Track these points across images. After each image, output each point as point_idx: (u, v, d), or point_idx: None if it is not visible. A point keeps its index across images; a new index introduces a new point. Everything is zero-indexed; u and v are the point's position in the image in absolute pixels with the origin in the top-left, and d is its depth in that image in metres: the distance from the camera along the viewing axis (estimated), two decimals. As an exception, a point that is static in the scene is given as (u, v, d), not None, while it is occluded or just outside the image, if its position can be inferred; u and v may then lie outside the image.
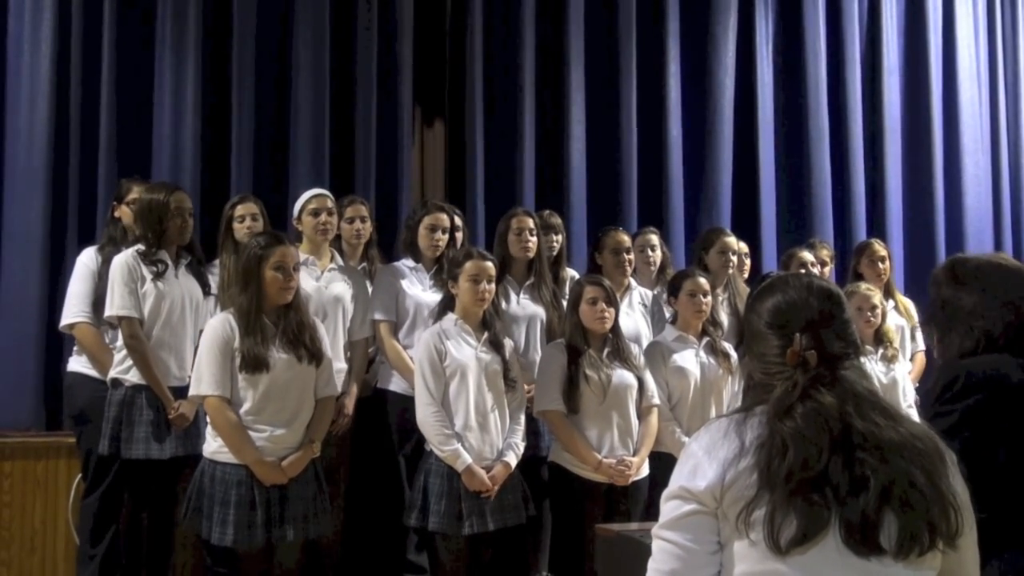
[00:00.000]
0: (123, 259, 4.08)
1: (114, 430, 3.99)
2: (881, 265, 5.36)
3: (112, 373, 4.07)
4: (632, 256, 4.88)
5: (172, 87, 5.12)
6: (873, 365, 4.56)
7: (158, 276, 4.07)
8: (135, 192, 4.36)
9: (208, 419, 3.76)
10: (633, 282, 4.91)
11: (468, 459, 3.94)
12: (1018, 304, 2.30)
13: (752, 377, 1.80)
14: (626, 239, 4.90)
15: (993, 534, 1.81)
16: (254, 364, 3.65)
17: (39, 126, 4.89)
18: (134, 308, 4.03)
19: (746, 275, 5.32)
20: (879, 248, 5.46)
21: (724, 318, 4.78)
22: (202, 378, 3.69)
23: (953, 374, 2.22)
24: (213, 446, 3.72)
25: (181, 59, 5.14)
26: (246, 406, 3.69)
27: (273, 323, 3.74)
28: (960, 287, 2.35)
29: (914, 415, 2.19)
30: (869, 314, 4.64)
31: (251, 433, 3.67)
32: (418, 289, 4.49)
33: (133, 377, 4.03)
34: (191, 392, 3.81)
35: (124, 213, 4.37)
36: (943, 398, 2.18)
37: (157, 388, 4.01)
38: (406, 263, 4.57)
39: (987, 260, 2.43)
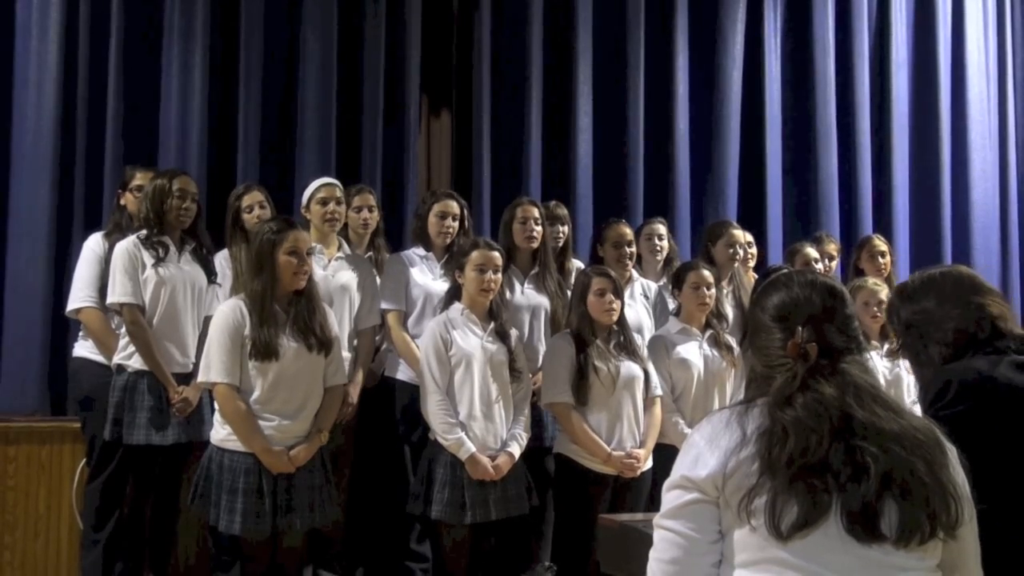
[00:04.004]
0: (124, 246, 4.08)
1: (116, 415, 3.99)
2: (881, 260, 5.35)
3: (116, 359, 4.07)
4: (633, 249, 4.88)
5: (179, 74, 5.12)
6: (877, 360, 4.54)
7: (159, 261, 4.06)
8: (139, 179, 4.37)
9: (216, 406, 3.77)
10: (635, 273, 4.91)
11: (472, 447, 3.95)
12: (976, 300, 2.34)
13: (754, 370, 1.83)
14: (628, 232, 4.90)
15: (997, 528, 1.82)
16: (264, 352, 3.66)
17: (46, 112, 4.88)
18: (135, 295, 4.03)
19: (752, 265, 5.32)
20: (879, 243, 5.46)
21: (729, 311, 4.78)
22: (211, 365, 3.69)
23: (944, 380, 2.23)
24: (221, 433, 3.72)
25: (188, 46, 5.13)
26: (255, 395, 3.70)
27: (284, 310, 3.74)
28: (916, 302, 2.39)
29: (917, 411, 2.19)
30: (875, 309, 4.59)
31: (259, 421, 3.68)
32: (428, 278, 4.49)
33: (135, 363, 4.03)
34: (200, 378, 3.81)
35: (129, 200, 4.38)
36: (937, 405, 2.18)
37: (159, 374, 4.02)
38: (416, 252, 4.58)
39: (928, 274, 2.48)
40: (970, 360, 2.27)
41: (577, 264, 4.89)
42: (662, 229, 5.20)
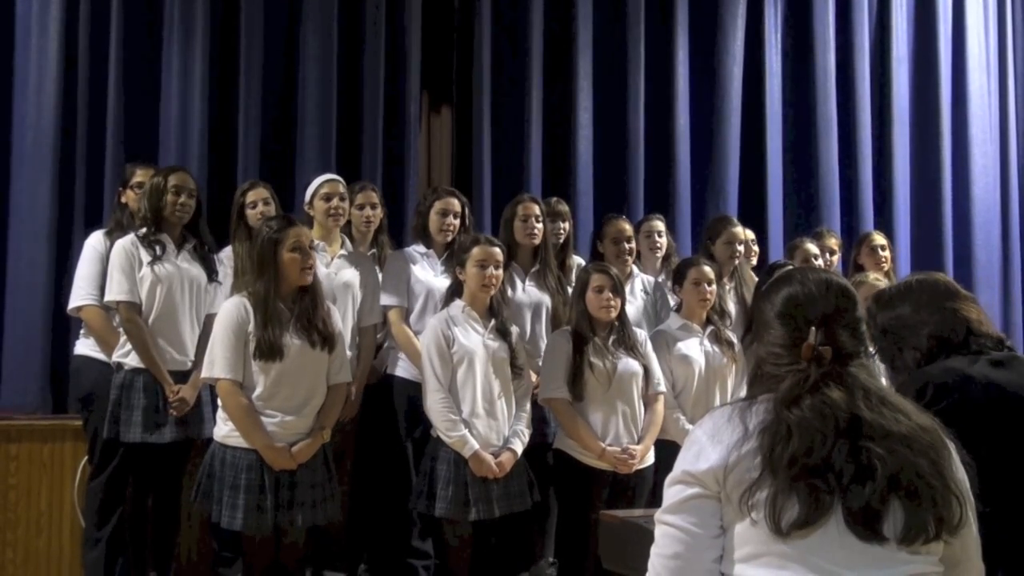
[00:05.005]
0: (121, 244, 4.08)
1: (114, 413, 3.99)
2: (881, 253, 5.36)
3: (114, 356, 4.07)
4: (633, 245, 4.88)
5: (180, 72, 5.12)
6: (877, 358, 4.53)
7: (156, 259, 4.06)
8: (139, 176, 4.38)
9: (219, 402, 3.77)
10: (635, 269, 4.91)
11: (475, 445, 3.95)
12: (951, 306, 2.38)
13: (760, 367, 1.81)
14: (627, 228, 4.91)
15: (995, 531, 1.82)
16: (268, 351, 3.66)
17: (46, 110, 4.88)
18: (131, 293, 4.03)
19: (754, 262, 5.32)
20: (878, 237, 5.48)
21: (731, 307, 4.78)
22: (215, 361, 3.70)
23: (922, 382, 2.25)
24: (224, 430, 3.73)
25: (189, 44, 5.13)
26: (258, 391, 3.70)
27: (288, 308, 3.74)
28: (892, 309, 2.43)
29: None
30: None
31: (262, 418, 3.68)
32: (430, 275, 4.49)
33: (132, 361, 4.02)
34: (203, 374, 3.81)
35: (129, 198, 4.38)
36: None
37: (156, 372, 4.01)
38: (417, 248, 4.58)
39: (905, 282, 2.53)
40: (946, 361, 2.30)
41: (578, 260, 4.89)
42: (660, 225, 5.21)
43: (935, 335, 2.35)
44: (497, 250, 4.11)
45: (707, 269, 4.48)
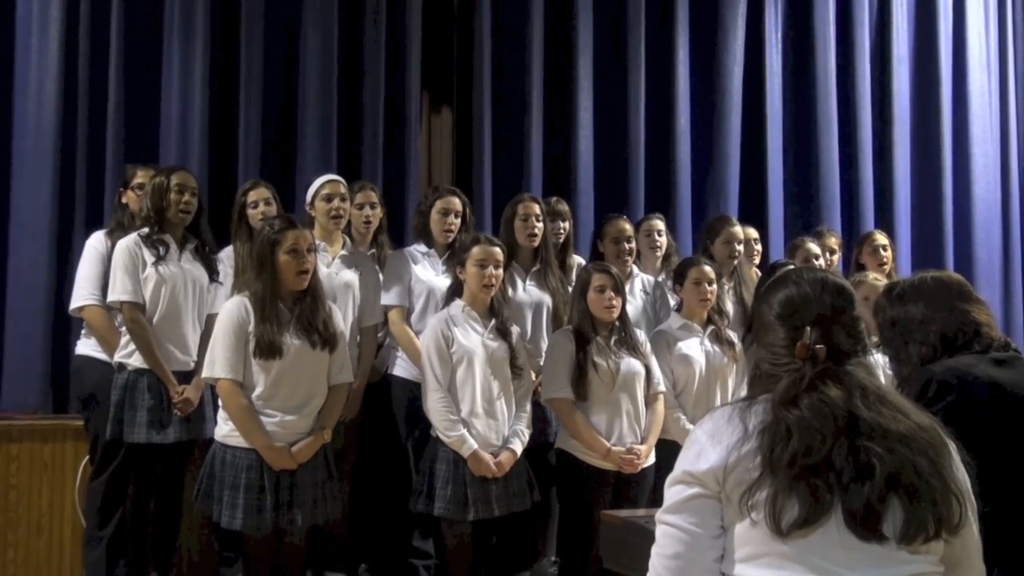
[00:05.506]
0: (124, 244, 4.08)
1: (117, 414, 4.00)
2: (883, 253, 5.36)
3: (116, 357, 4.08)
4: (633, 245, 4.88)
5: (180, 72, 5.12)
6: (878, 356, 4.53)
7: (160, 260, 4.06)
8: (140, 176, 4.38)
9: (220, 403, 3.78)
10: (635, 268, 4.91)
11: (474, 444, 3.95)
12: (962, 307, 2.41)
13: (759, 368, 1.82)
14: (628, 228, 4.91)
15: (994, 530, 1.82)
16: (268, 350, 3.66)
17: (47, 110, 4.89)
18: (135, 293, 4.03)
19: (757, 260, 5.32)
20: (880, 237, 5.47)
21: (730, 307, 4.78)
22: (215, 361, 3.70)
23: (925, 379, 2.28)
24: (224, 430, 3.73)
25: (189, 44, 5.13)
26: (258, 391, 3.70)
27: (288, 308, 3.75)
28: (904, 303, 2.46)
29: None
30: (876, 304, 4.60)
31: (262, 418, 3.68)
32: (431, 274, 4.49)
33: (136, 361, 4.03)
34: (204, 374, 3.82)
35: (130, 198, 4.38)
36: (919, 403, 2.20)
37: (160, 372, 4.02)
38: (418, 248, 4.58)
39: (918, 277, 2.55)
40: (950, 359, 2.32)
41: (578, 260, 4.89)
42: (660, 225, 5.21)
43: (942, 333, 2.36)
44: (497, 249, 4.11)
45: (708, 269, 4.47)
